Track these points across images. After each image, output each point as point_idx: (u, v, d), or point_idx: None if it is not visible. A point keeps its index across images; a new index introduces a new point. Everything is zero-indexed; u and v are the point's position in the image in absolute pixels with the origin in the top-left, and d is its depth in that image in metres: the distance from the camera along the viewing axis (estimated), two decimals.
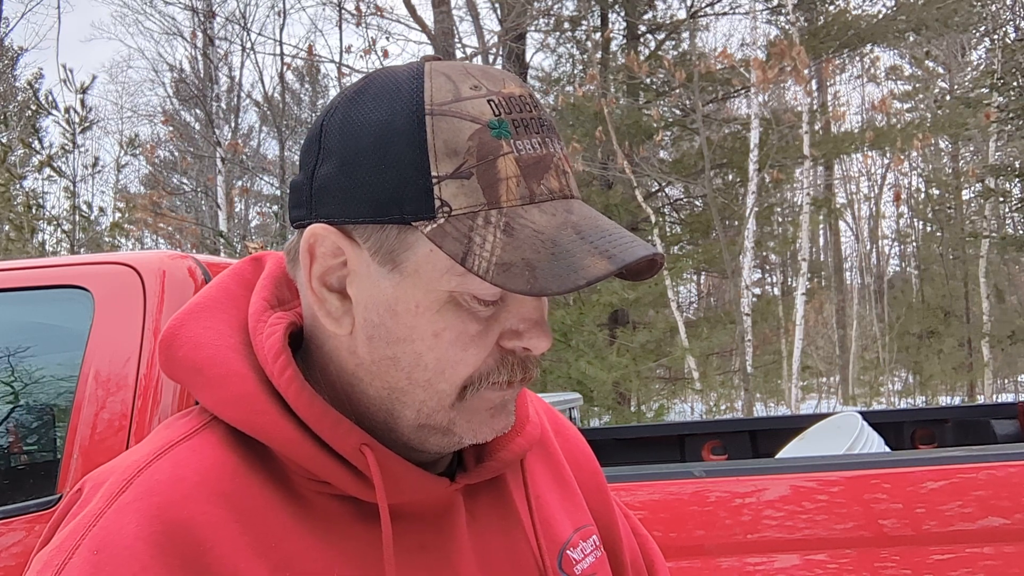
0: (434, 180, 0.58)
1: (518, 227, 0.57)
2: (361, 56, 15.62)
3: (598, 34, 13.78)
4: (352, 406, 0.65)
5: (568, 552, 0.75)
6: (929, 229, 21.31)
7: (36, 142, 12.51)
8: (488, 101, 0.59)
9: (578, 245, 0.57)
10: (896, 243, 23.01)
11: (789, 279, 19.05)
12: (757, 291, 16.84)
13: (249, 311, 0.68)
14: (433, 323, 0.60)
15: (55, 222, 11.96)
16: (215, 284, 0.71)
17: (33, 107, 12.03)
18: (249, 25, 14.79)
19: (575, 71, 14.25)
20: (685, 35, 14.19)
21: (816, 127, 12.19)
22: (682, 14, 13.68)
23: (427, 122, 0.58)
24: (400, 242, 0.60)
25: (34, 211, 10.63)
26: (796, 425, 3.30)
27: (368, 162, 0.59)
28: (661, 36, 14.09)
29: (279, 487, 0.62)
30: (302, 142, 0.66)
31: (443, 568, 0.66)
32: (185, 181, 18.09)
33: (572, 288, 0.55)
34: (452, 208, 0.58)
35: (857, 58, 17.24)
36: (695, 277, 18.25)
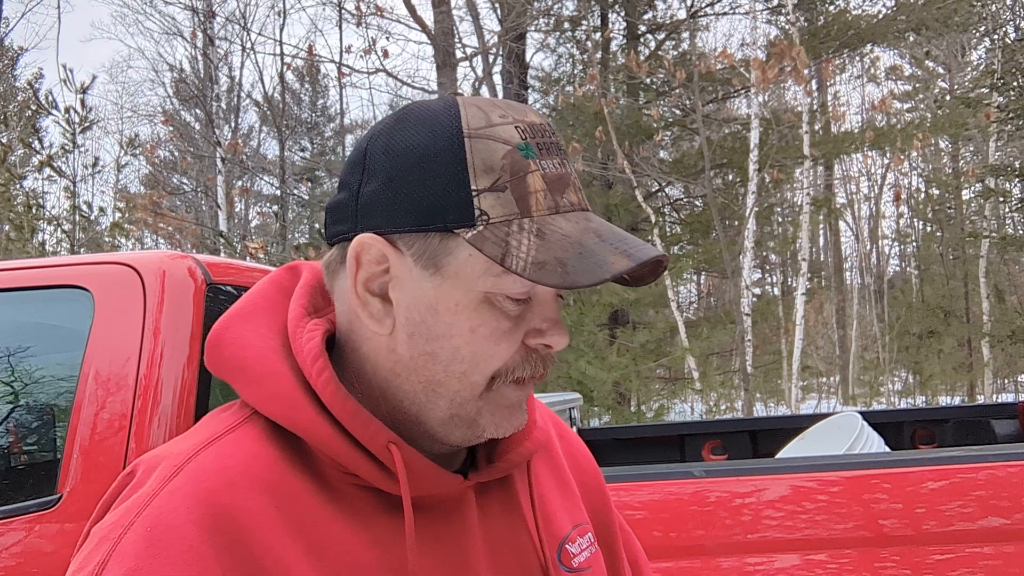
0: (474, 193, 0.66)
1: (548, 232, 0.66)
2: (361, 56, 15.63)
3: (598, 34, 13.78)
4: (386, 402, 0.72)
5: (567, 546, 0.82)
6: (929, 229, 21.31)
7: (36, 142, 12.52)
8: (515, 127, 0.68)
9: (601, 246, 0.66)
10: (896, 243, 23.02)
11: (789, 279, 19.05)
12: (757, 291, 16.85)
13: (288, 317, 0.74)
14: (471, 320, 0.68)
15: (55, 222, 11.96)
16: (256, 291, 0.78)
17: (33, 107, 12.04)
18: (249, 25, 14.81)
19: (575, 71, 14.26)
20: (685, 35, 14.18)
21: (816, 127, 12.19)
22: (682, 14, 13.69)
23: (466, 144, 0.67)
24: (442, 248, 0.67)
25: (34, 211, 10.62)
26: (796, 425, 3.30)
27: (413, 179, 0.68)
28: (661, 36, 14.09)
29: (313, 477, 0.68)
30: (344, 165, 0.75)
31: (456, 557, 0.72)
32: (185, 181, 18.09)
33: (599, 280, 0.64)
34: (490, 217, 0.66)
35: (857, 58, 17.25)
36: (695, 277, 18.25)
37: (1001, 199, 13.70)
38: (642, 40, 14.03)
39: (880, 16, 12.84)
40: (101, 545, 0.62)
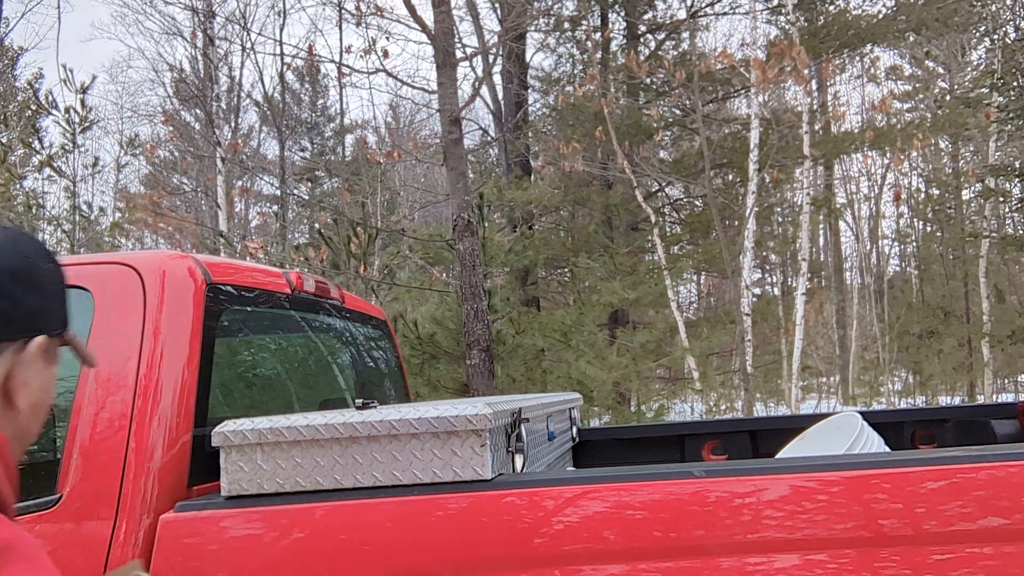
0: None
1: None
2: (361, 56, 15.62)
3: (598, 34, 13.77)
4: None
5: None
6: (929, 229, 21.30)
7: (36, 142, 12.50)
8: None
9: None
10: (896, 243, 23.01)
11: (789, 279, 19.05)
12: (757, 291, 16.83)
13: None
14: None
15: (55, 222, 11.95)
16: None
17: (33, 107, 12.03)
18: (249, 25, 14.80)
19: (575, 71, 14.25)
20: (685, 35, 14.18)
21: (816, 127, 12.18)
22: (682, 14, 13.68)
23: None
24: None
25: (34, 211, 10.62)
26: (796, 425, 3.29)
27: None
28: (661, 36, 14.09)
29: None
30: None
31: None
32: (185, 181, 18.08)
33: None
34: None
35: (857, 58, 17.25)
36: (695, 277, 18.26)
37: (1001, 199, 13.70)
38: (642, 40, 14.02)
39: (880, 16, 12.83)
40: None
